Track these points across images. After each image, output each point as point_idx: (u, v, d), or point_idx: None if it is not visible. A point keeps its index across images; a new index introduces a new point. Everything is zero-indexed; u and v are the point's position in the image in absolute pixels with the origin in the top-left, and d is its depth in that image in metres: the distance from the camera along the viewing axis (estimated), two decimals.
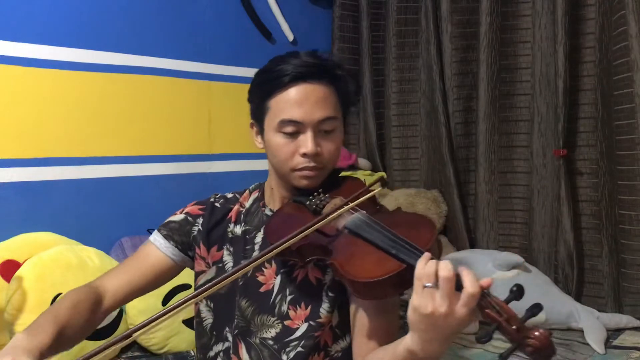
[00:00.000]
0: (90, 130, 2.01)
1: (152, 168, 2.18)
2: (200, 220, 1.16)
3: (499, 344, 1.90)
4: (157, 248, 1.14)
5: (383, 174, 2.78)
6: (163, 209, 2.14)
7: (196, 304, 1.16)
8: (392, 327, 1.03)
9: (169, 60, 2.22)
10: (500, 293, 0.82)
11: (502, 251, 2.21)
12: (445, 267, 0.78)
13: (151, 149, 2.17)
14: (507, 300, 0.79)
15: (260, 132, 1.11)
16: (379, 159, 2.81)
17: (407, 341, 0.86)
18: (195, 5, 2.30)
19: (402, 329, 0.95)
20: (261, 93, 1.08)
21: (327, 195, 1.06)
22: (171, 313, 0.85)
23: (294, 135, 1.04)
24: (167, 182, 2.21)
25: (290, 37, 2.60)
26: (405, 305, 2.34)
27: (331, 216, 0.96)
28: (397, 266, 0.85)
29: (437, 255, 0.91)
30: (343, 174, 1.19)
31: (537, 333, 0.74)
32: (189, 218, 1.17)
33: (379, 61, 2.82)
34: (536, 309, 0.77)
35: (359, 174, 2.69)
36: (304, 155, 1.04)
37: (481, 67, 2.49)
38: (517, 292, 0.79)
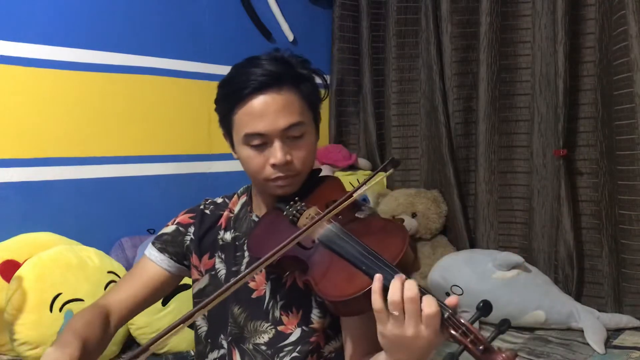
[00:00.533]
0: (90, 130, 2.01)
1: (152, 168, 2.18)
2: (192, 229, 1.16)
3: (499, 344, 1.90)
4: (153, 262, 1.15)
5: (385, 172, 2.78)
6: (163, 209, 2.17)
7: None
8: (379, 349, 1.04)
9: (169, 60, 2.22)
10: (501, 293, 0.81)
11: (502, 251, 2.21)
12: (409, 287, 0.79)
13: (151, 149, 2.17)
14: (475, 318, 0.79)
15: (231, 145, 1.11)
16: (379, 159, 2.81)
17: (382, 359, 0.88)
18: (195, 5, 2.30)
19: None
20: (224, 108, 1.07)
21: (303, 204, 1.04)
22: (177, 328, 0.84)
23: (261, 146, 1.03)
24: (167, 182, 2.21)
25: (290, 37, 2.60)
26: None
27: (302, 233, 0.93)
28: (368, 283, 0.84)
29: (410, 263, 0.90)
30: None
31: (503, 355, 0.73)
32: (181, 228, 1.17)
33: (379, 61, 2.82)
34: (503, 326, 0.77)
35: (359, 174, 2.69)
36: (274, 166, 1.03)
37: (481, 67, 2.49)
38: (484, 308, 0.79)
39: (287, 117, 1.02)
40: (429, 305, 0.78)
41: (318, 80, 1.11)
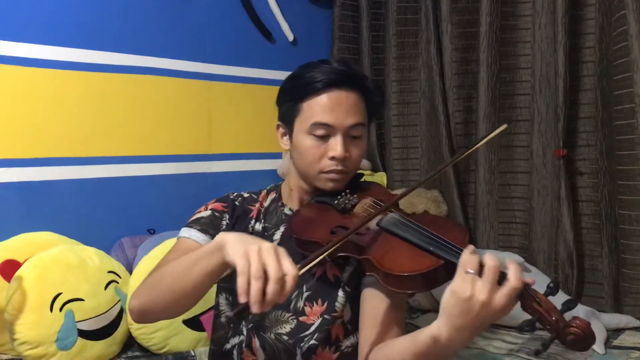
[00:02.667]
0: (90, 130, 2.01)
1: (152, 168, 2.18)
2: (226, 216, 1.18)
3: (499, 344, 1.90)
4: (196, 242, 1.11)
5: (383, 173, 2.78)
6: (163, 209, 2.17)
7: (216, 296, 1.19)
8: (402, 322, 1.06)
9: (169, 60, 2.22)
10: None
11: (502, 251, 2.21)
12: (491, 257, 0.82)
13: (151, 149, 2.17)
14: (545, 295, 0.83)
15: (289, 133, 1.14)
16: (379, 159, 2.81)
17: (434, 328, 0.87)
18: (195, 5, 2.30)
19: (409, 332, 0.97)
20: (294, 96, 1.11)
21: (354, 195, 1.10)
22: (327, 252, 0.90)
23: (324, 138, 1.09)
24: (167, 182, 2.21)
25: (290, 37, 2.60)
26: (411, 309, 2.34)
27: (376, 214, 0.98)
28: (435, 262, 0.88)
29: None
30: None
31: (578, 322, 0.78)
32: (216, 214, 1.18)
33: (379, 61, 2.82)
34: (572, 303, 0.82)
35: None
36: (333, 158, 1.08)
37: (481, 67, 2.49)
38: (554, 288, 0.83)
39: (355, 116, 1.09)
40: (516, 278, 0.81)
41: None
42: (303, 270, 0.84)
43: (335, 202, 1.09)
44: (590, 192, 2.31)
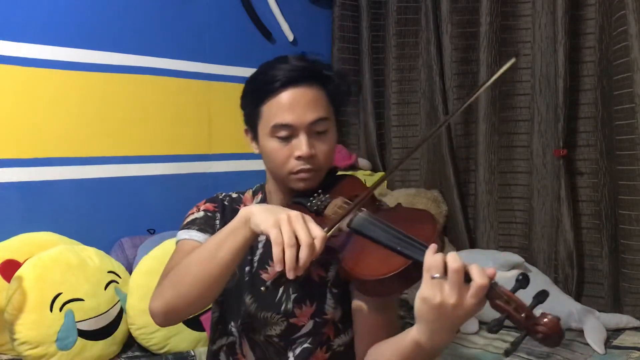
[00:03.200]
0: (90, 130, 2.01)
1: (152, 168, 2.18)
2: (218, 216, 1.17)
3: (499, 344, 1.90)
4: (198, 242, 1.09)
5: (383, 173, 2.78)
6: (163, 209, 2.17)
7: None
8: (394, 325, 1.05)
9: (169, 60, 2.22)
10: None
11: (502, 251, 2.21)
12: (453, 259, 0.80)
13: (151, 149, 2.17)
14: (514, 290, 0.81)
15: (255, 137, 1.12)
16: (379, 159, 2.81)
17: (414, 332, 0.87)
18: (195, 5, 2.30)
19: (403, 329, 0.96)
20: (253, 100, 1.09)
21: (327, 195, 1.07)
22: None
23: (287, 139, 1.06)
24: (167, 182, 2.21)
25: (290, 37, 2.60)
26: (405, 305, 2.33)
27: (340, 218, 0.96)
28: (403, 262, 0.87)
29: (441, 249, 0.91)
30: (341, 172, 1.20)
31: (546, 319, 0.76)
32: (209, 214, 1.17)
33: (379, 61, 2.82)
34: (542, 296, 0.80)
35: (359, 174, 2.69)
36: (299, 157, 1.05)
37: (481, 67, 2.49)
38: (523, 280, 0.81)
39: (315, 111, 1.06)
40: (480, 276, 0.79)
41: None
42: (330, 232, 0.90)
43: (309, 204, 1.06)
44: (590, 192, 2.31)
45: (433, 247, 0.84)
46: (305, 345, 1.06)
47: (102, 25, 2.03)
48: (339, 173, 1.17)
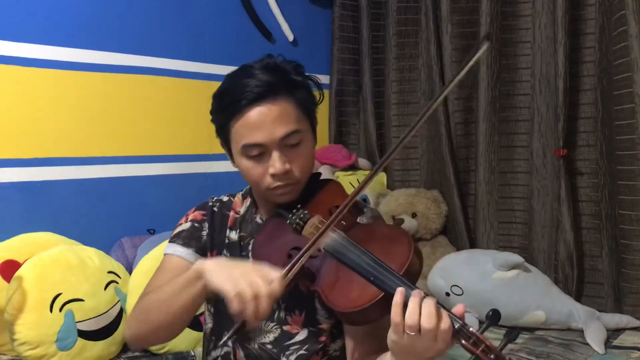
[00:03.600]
0: (90, 130, 2.01)
1: (152, 168, 2.18)
2: (206, 225, 1.17)
3: (497, 344, 1.90)
4: (180, 257, 1.12)
5: (383, 174, 2.78)
6: (163, 209, 2.17)
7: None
8: (382, 329, 1.04)
9: (169, 60, 2.22)
10: (501, 293, 0.83)
11: (502, 251, 2.21)
12: (428, 308, 0.80)
13: (151, 149, 2.17)
14: (485, 327, 0.81)
15: (229, 155, 1.11)
16: (379, 159, 2.80)
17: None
18: (195, 5, 2.30)
19: None
20: (220, 119, 1.07)
21: (305, 211, 1.04)
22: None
23: (260, 157, 1.04)
24: (167, 182, 2.21)
25: (290, 37, 2.60)
26: None
27: (309, 247, 0.94)
28: (376, 293, 0.86)
29: (417, 271, 0.91)
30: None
31: None
32: (196, 224, 1.17)
33: (379, 61, 2.82)
34: (513, 335, 0.80)
35: (359, 174, 2.69)
36: (273, 175, 1.03)
37: (481, 67, 2.49)
38: (493, 317, 0.82)
39: (284, 126, 1.02)
40: (443, 322, 0.80)
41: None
42: (289, 275, 0.89)
43: (288, 221, 1.03)
44: (590, 192, 2.31)
45: (399, 293, 0.83)
46: (301, 352, 1.06)
47: (102, 25, 2.03)
48: (322, 177, 1.15)
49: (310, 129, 1.09)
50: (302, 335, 1.07)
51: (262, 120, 1.01)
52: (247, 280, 0.86)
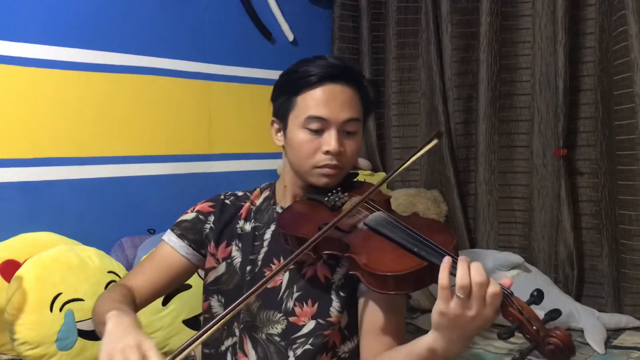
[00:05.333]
0: (90, 130, 2.01)
1: (152, 168, 2.18)
2: (212, 218, 1.18)
3: (500, 344, 1.90)
4: (172, 248, 1.17)
5: (384, 173, 2.78)
6: (163, 209, 2.17)
7: (206, 300, 1.18)
8: (400, 327, 1.05)
9: (169, 60, 2.21)
10: None
11: (502, 251, 2.21)
12: (479, 273, 0.80)
13: (151, 149, 2.17)
14: (528, 303, 0.82)
15: (283, 129, 1.13)
16: (379, 159, 2.80)
17: (429, 340, 0.87)
18: (195, 5, 2.29)
19: (408, 332, 0.96)
20: (288, 90, 1.10)
21: (345, 193, 1.08)
22: (207, 333, 0.90)
23: (318, 132, 1.07)
24: (167, 182, 2.21)
25: (290, 37, 2.60)
26: (410, 308, 2.32)
27: (352, 209, 0.98)
28: (418, 263, 0.87)
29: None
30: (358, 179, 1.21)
31: (559, 332, 0.77)
32: (201, 216, 1.18)
33: (379, 61, 2.82)
34: (555, 313, 0.81)
35: (359, 174, 2.69)
36: (327, 152, 1.07)
37: (481, 67, 2.49)
38: (538, 296, 0.82)
39: (349, 110, 1.08)
40: (493, 284, 0.80)
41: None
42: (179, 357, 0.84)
43: (326, 199, 1.08)
44: (590, 192, 2.32)
45: (447, 261, 0.83)
46: (307, 346, 1.05)
47: (102, 25, 2.03)
48: (356, 179, 1.19)
49: (362, 130, 1.14)
50: (308, 327, 1.06)
51: (332, 97, 1.06)
52: (123, 355, 0.81)
